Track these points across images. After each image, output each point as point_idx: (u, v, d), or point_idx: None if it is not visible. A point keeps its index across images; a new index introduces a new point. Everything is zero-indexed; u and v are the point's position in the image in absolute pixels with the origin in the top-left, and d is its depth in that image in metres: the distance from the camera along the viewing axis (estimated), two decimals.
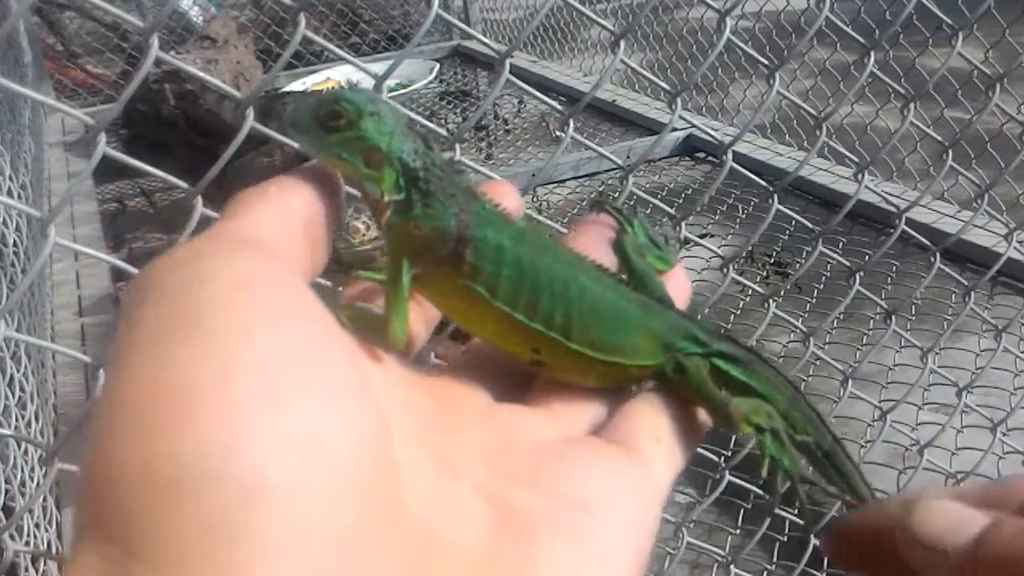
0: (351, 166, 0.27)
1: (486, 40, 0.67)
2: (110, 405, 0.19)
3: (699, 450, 0.33)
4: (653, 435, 0.27)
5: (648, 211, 1.59)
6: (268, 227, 0.24)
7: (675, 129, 1.71)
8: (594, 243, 0.33)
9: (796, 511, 0.97)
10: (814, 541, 0.93)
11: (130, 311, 0.21)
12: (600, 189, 1.69)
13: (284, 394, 0.19)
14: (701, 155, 1.75)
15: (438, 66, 2.14)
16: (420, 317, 0.30)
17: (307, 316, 0.21)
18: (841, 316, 0.93)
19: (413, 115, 0.63)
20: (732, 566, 0.89)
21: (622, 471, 0.26)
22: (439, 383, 0.28)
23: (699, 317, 0.33)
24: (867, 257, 0.87)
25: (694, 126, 1.68)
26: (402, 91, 2.02)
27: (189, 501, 0.17)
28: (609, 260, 0.32)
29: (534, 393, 0.30)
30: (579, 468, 0.25)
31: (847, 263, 0.84)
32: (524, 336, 0.29)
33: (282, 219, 0.25)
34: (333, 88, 0.26)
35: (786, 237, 1.46)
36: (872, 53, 0.75)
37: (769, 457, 0.31)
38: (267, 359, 0.19)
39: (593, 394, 0.30)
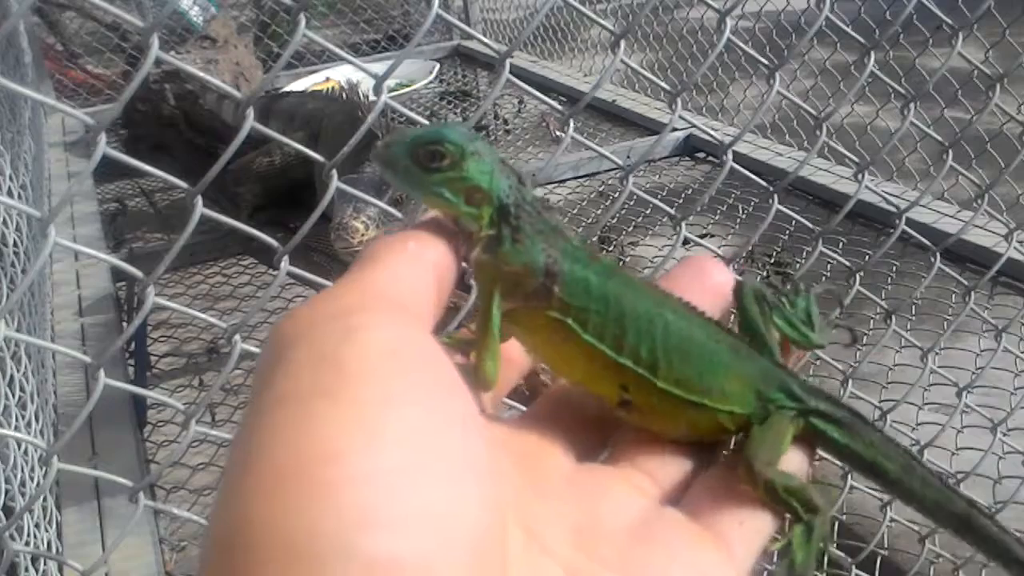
0: (452, 205, 0.27)
1: (486, 40, 0.67)
2: (249, 466, 0.19)
3: None
4: (737, 518, 0.27)
5: (648, 211, 1.59)
6: (406, 282, 0.25)
7: (675, 129, 1.70)
8: (687, 283, 0.31)
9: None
10: None
11: (274, 361, 0.21)
12: (600, 189, 1.69)
13: (423, 469, 0.19)
14: (701, 155, 1.75)
15: (438, 66, 2.14)
16: (511, 364, 0.30)
17: (447, 389, 0.22)
18: (841, 316, 0.93)
19: (413, 115, 0.63)
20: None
21: (707, 561, 0.26)
22: (522, 440, 0.28)
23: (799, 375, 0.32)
24: (867, 257, 0.87)
25: (694, 126, 1.68)
26: (402, 91, 2.02)
27: (327, 574, 0.17)
28: (708, 302, 0.31)
29: (619, 447, 0.29)
30: (665, 557, 0.25)
31: (847, 263, 0.84)
32: (612, 373, 0.29)
33: (419, 274, 0.25)
34: (415, 130, 0.26)
35: (786, 237, 1.46)
36: (872, 53, 0.75)
37: (789, 542, 0.30)
38: (410, 432, 0.19)
39: (677, 451, 0.29)
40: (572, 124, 0.61)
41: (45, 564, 0.78)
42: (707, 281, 0.31)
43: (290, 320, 0.22)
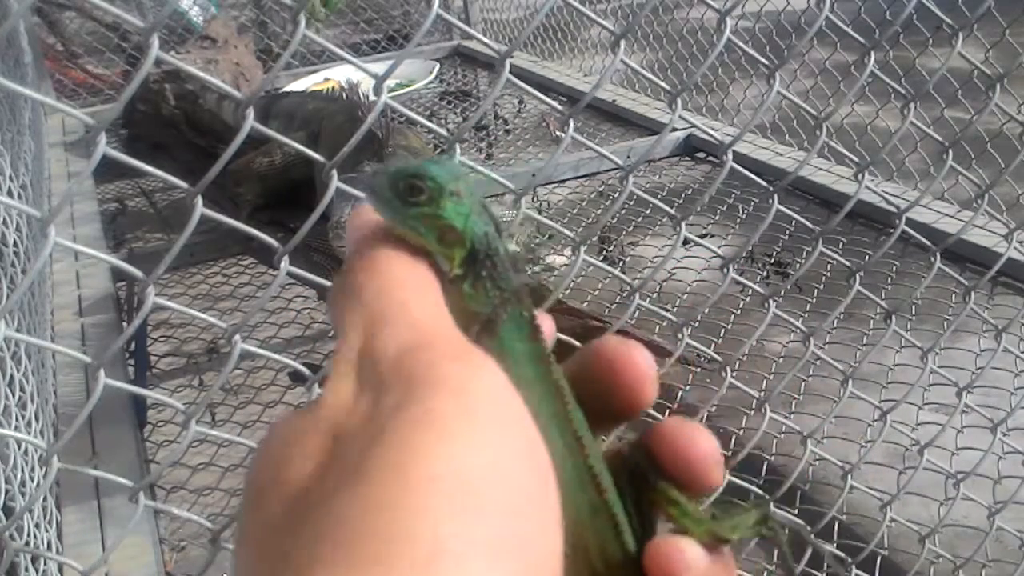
0: (424, 240, 0.28)
1: (486, 40, 0.67)
2: (346, 516, 0.20)
3: None
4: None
5: (648, 211, 1.59)
6: (442, 314, 0.26)
7: (675, 129, 1.70)
8: (666, 446, 0.27)
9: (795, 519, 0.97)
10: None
11: (367, 392, 0.22)
12: (600, 189, 1.69)
13: (490, 506, 0.20)
14: (701, 155, 1.75)
15: (438, 66, 2.14)
16: None
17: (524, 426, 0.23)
18: (841, 316, 0.93)
19: (413, 115, 0.63)
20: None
21: None
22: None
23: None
24: (867, 257, 0.87)
25: (694, 126, 1.68)
26: (402, 91, 2.02)
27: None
28: (682, 472, 0.27)
29: None
30: None
31: (847, 263, 0.84)
32: None
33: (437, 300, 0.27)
34: (403, 163, 0.26)
35: (786, 237, 1.46)
36: (872, 53, 0.75)
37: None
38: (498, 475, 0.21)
39: None
40: (572, 124, 0.61)
41: (45, 564, 0.78)
42: (689, 451, 0.27)
43: (386, 348, 0.23)
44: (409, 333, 0.24)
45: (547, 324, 0.29)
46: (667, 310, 1.26)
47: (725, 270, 0.75)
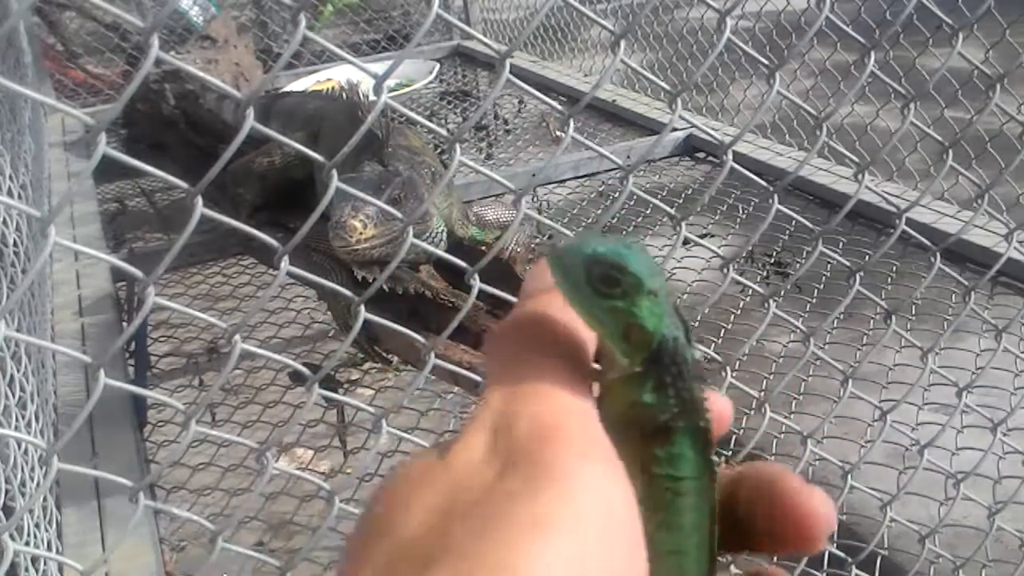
0: (607, 334, 0.26)
1: (486, 40, 0.67)
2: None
3: None
4: None
5: (648, 211, 1.59)
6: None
7: (675, 129, 1.70)
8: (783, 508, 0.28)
9: None
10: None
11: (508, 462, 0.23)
12: (600, 189, 1.69)
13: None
14: (701, 155, 1.75)
15: (438, 66, 2.14)
16: None
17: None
18: (841, 316, 0.93)
19: (413, 115, 0.63)
20: (732, 567, 0.89)
21: None
22: None
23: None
24: (867, 257, 0.87)
25: (694, 126, 1.68)
26: (402, 91, 2.02)
27: None
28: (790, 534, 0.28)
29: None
30: None
31: (847, 263, 0.84)
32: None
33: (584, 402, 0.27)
34: (599, 242, 0.26)
35: (786, 237, 1.45)
36: (872, 53, 0.75)
37: None
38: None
39: None
40: (572, 124, 0.61)
41: (45, 564, 0.78)
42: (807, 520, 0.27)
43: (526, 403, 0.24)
44: (548, 417, 0.24)
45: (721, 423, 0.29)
46: None
47: (725, 270, 0.75)
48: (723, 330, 1.28)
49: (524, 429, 0.23)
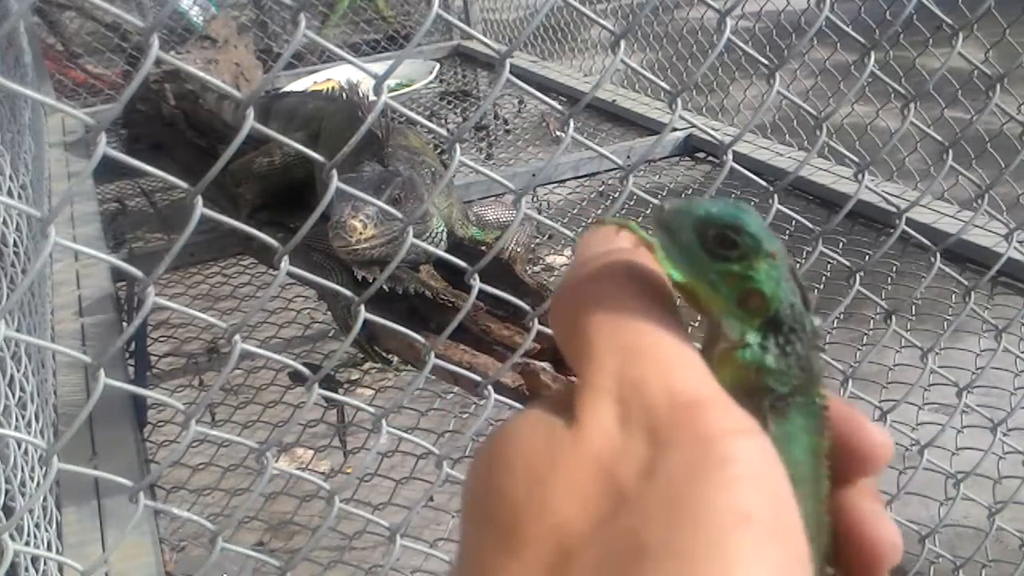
0: (722, 300, 0.25)
1: (486, 40, 0.67)
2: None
3: None
4: None
5: (648, 211, 1.59)
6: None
7: (675, 129, 1.70)
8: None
9: None
10: None
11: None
12: (600, 189, 1.69)
13: None
14: (701, 155, 1.75)
15: (438, 66, 2.14)
16: None
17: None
18: (841, 316, 0.93)
19: (413, 115, 0.63)
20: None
21: None
22: None
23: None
24: (867, 257, 0.87)
25: (694, 126, 1.68)
26: (402, 91, 2.02)
27: None
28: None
29: None
30: None
31: (847, 263, 0.84)
32: None
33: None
34: (711, 204, 0.24)
35: (786, 237, 1.45)
36: (872, 53, 0.75)
37: None
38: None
39: None
40: (572, 124, 0.61)
41: (45, 564, 0.78)
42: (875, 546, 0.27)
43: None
44: (680, 383, 0.22)
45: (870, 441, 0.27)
46: None
47: None
48: None
49: (660, 398, 0.21)
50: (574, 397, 0.22)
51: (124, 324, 1.27)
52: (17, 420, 0.82)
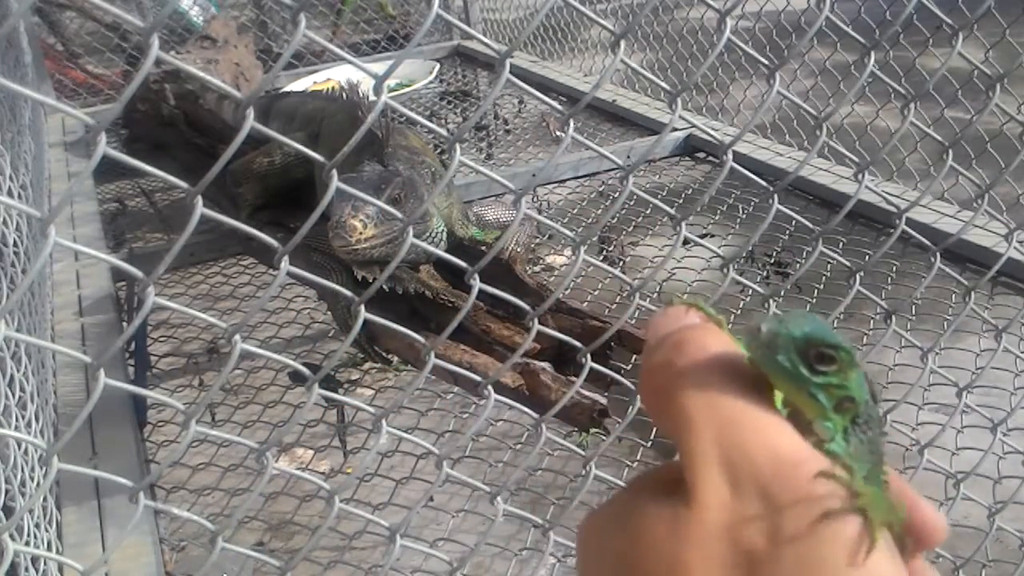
0: (821, 410, 0.27)
1: (486, 40, 0.67)
2: None
3: None
4: None
5: (648, 211, 1.59)
6: None
7: (675, 129, 1.70)
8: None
9: None
10: None
11: None
12: (600, 189, 1.69)
13: None
14: (701, 155, 1.75)
15: (438, 66, 2.14)
16: None
17: None
18: (841, 316, 0.93)
19: (413, 115, 0.63)
20: None
21: None
22: None
23: None
24: (867, 257, 0.87)
25: (694, 126, 1.68)
26: (402, 91, 2.02)
27: None
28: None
29: None
30: None
31: (847, 263, 0.84)
32: None
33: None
34: (804, 323, 0.27)
35: (786, 237, 1.46)
36: (872, 53, 0.75)
37: None
38: None
39: None
40: (572, 124, 0.61)
41: (45, 564, 0.78)
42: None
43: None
44: (779, 444, 0.24)
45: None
46: None
47: (725, 270, 0.75)
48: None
49: (764, 457, 0.23)
50: (682, 470, 0.24)
51: (124, 324, 1.27)
52: (17, 420, 0.82)
